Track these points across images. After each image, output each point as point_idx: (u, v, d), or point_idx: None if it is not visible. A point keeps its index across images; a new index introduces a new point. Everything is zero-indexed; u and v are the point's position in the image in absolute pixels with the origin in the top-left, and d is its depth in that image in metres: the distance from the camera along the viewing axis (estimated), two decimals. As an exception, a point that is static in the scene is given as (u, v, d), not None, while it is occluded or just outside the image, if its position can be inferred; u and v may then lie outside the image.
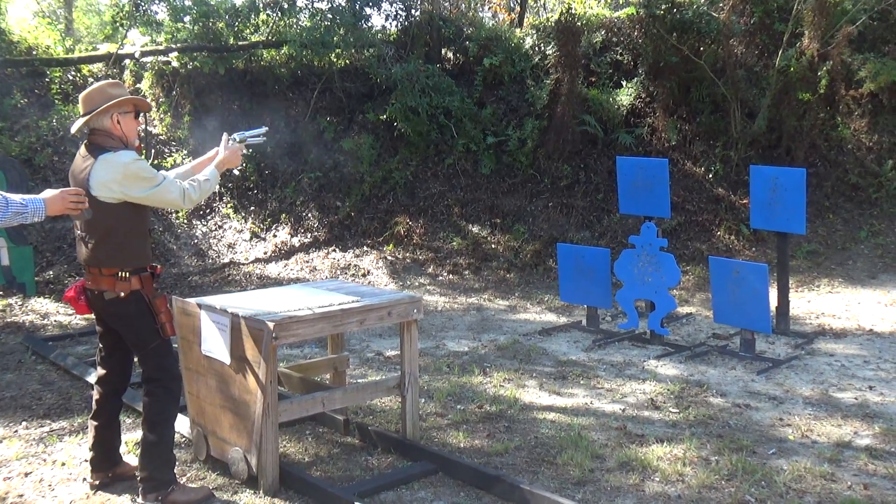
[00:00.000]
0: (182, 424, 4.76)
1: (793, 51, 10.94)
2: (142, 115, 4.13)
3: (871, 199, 10.71)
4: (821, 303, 8.64)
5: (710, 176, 11.06)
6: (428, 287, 9.83)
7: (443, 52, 13.13)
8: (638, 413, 5.43)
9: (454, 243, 10.69)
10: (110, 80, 4.17)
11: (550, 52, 11.96)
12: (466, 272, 10.22)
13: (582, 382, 6.13)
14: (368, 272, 10.30)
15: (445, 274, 10.22)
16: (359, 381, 6.08)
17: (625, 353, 6.98)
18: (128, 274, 3.88)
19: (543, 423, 5.24)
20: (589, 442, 4.84)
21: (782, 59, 10.88)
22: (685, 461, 4.55)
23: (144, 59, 12.23)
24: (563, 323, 8.04)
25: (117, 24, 12.75)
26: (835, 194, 10.86)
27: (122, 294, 3.88)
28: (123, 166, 3.81)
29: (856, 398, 5.70)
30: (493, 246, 10.63)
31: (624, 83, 12.02)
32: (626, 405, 5.60)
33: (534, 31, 12.86)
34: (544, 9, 17.52)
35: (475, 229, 10.91)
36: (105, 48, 12.79)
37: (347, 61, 12.58)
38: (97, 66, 12.52)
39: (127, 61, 12.43)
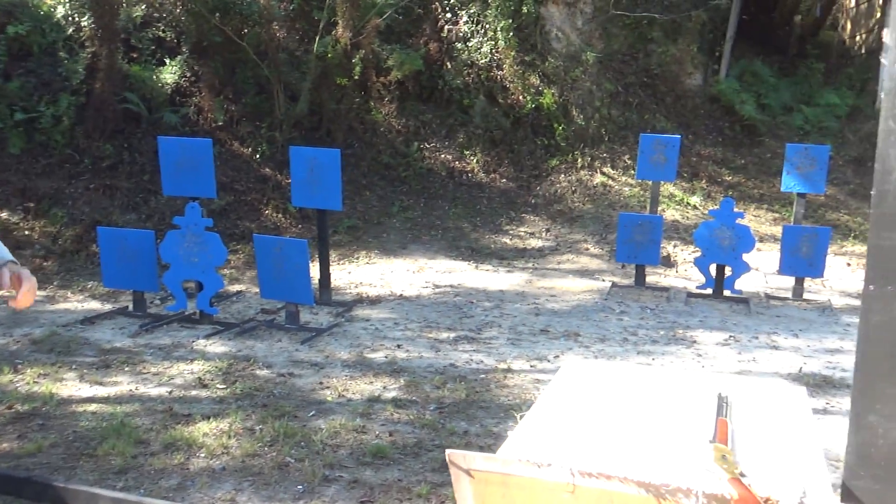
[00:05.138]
0: None
1: (329, 38, 11.62)
2: None
3: (402, 178, 11.86)
4: (360, 273, 9.38)
5: (257, 156, 11.33)
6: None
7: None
8: (185, 393, 5.43)
9: (-21, 231, 9.58)
10: None
11: (86, 23, 11.21)
12: (-4, 262, 9.22)
13: (127, 369, 5.94)
14: None
15: (-31, 265, 9.12)
16: None
17: (173, 335, 6.91)
18: None
19: (83, 415, 4.99)
20: (132, 428, 4.73)
21: (320, 45, 11.51)
22: (230, 434, 4.68)
23: None
24: (109, 310, 7.68)
25: None
26: (371, 173, 11.81)
27: None
28: None
29: (386, 356, 6.33)
30: (26, 232, 9.73)
31: (168, 61, 11.74)
32: (173, 387, 5.56)
33: (66, 1, 11.93)
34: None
35: (4, 215, 9.87)
36: None
37: None
38: None
39: None
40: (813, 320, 7.75)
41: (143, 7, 12.10)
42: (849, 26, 15.97)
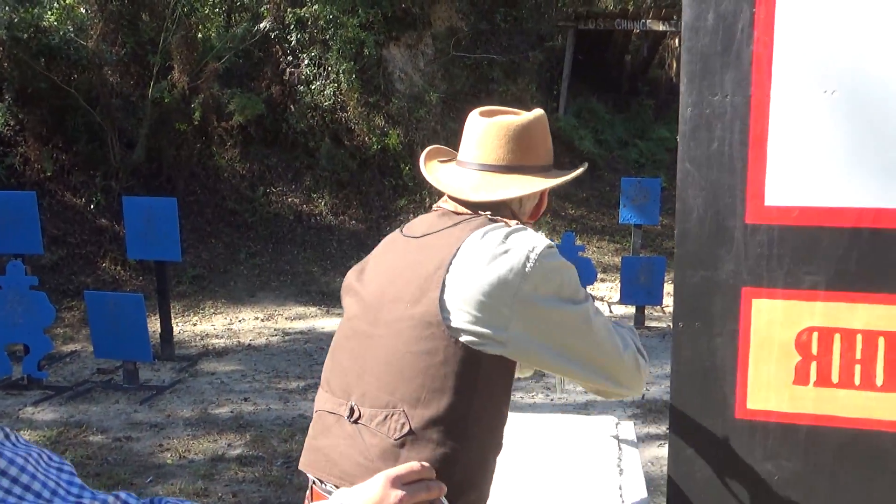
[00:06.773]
0: None
1: (165, 82, 11.26)
2: None
3: (248, 223, 11.58)
4: (206, 325, 9.05)
5: (92, 207, 10.79)
6: None
7: None
8: (7, 468, 5.02)
9: None
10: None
11: None
12: None
13: (-59, 446, 5.44)
14: None
15: None
16: None
17: (-3, 404, 6.41)
18: None
19: None
20: (-56, 513, 4.31)
21: (155, 90, 11.14)
22: (57, 510, 4.34)
23: None
24: (-76, 380, 7.06)
25: None
26: (215, 220, 11.47)
27: None
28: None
29: (231, 411, 6.09)
30: None
31: (-11, 109, 11.06)
32: (-5, 462, 5.13)
33: None
34: None
35: None
36: None
37: None
38: None
39: None
40: (654, 347, 8.05)
41: (-41, 53, 11.38)
42: (675, 64, 16.96)
